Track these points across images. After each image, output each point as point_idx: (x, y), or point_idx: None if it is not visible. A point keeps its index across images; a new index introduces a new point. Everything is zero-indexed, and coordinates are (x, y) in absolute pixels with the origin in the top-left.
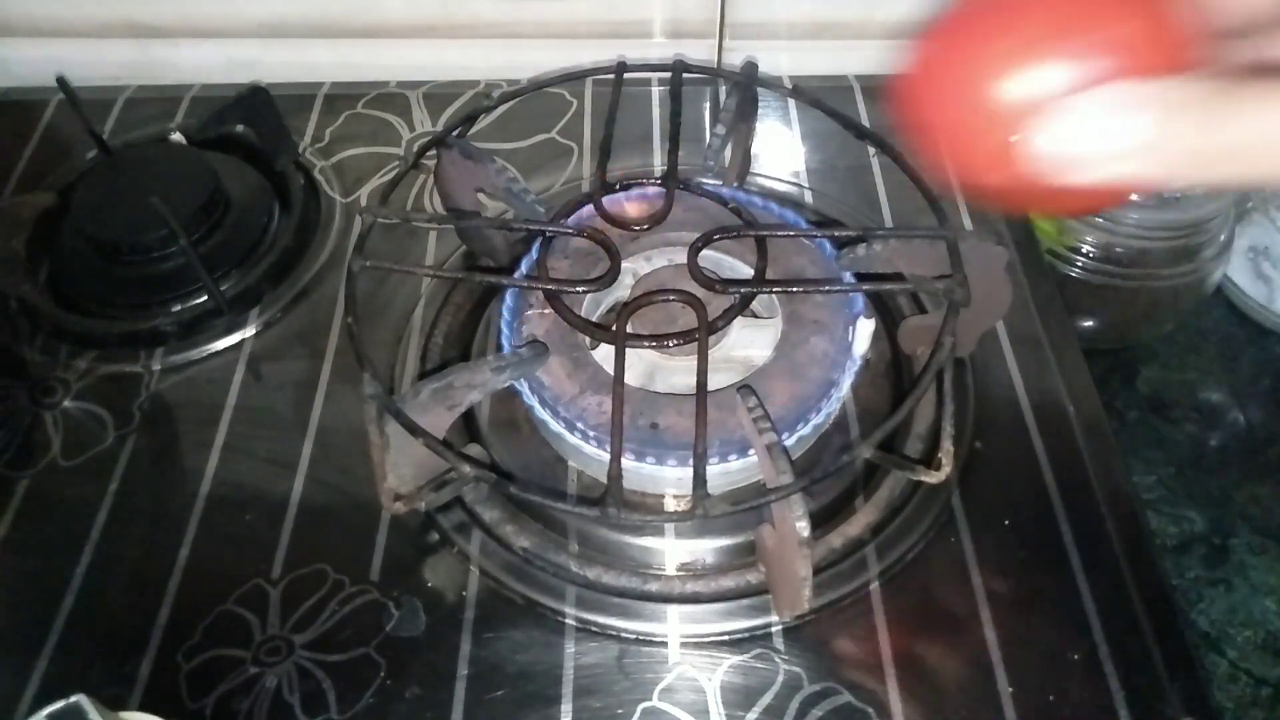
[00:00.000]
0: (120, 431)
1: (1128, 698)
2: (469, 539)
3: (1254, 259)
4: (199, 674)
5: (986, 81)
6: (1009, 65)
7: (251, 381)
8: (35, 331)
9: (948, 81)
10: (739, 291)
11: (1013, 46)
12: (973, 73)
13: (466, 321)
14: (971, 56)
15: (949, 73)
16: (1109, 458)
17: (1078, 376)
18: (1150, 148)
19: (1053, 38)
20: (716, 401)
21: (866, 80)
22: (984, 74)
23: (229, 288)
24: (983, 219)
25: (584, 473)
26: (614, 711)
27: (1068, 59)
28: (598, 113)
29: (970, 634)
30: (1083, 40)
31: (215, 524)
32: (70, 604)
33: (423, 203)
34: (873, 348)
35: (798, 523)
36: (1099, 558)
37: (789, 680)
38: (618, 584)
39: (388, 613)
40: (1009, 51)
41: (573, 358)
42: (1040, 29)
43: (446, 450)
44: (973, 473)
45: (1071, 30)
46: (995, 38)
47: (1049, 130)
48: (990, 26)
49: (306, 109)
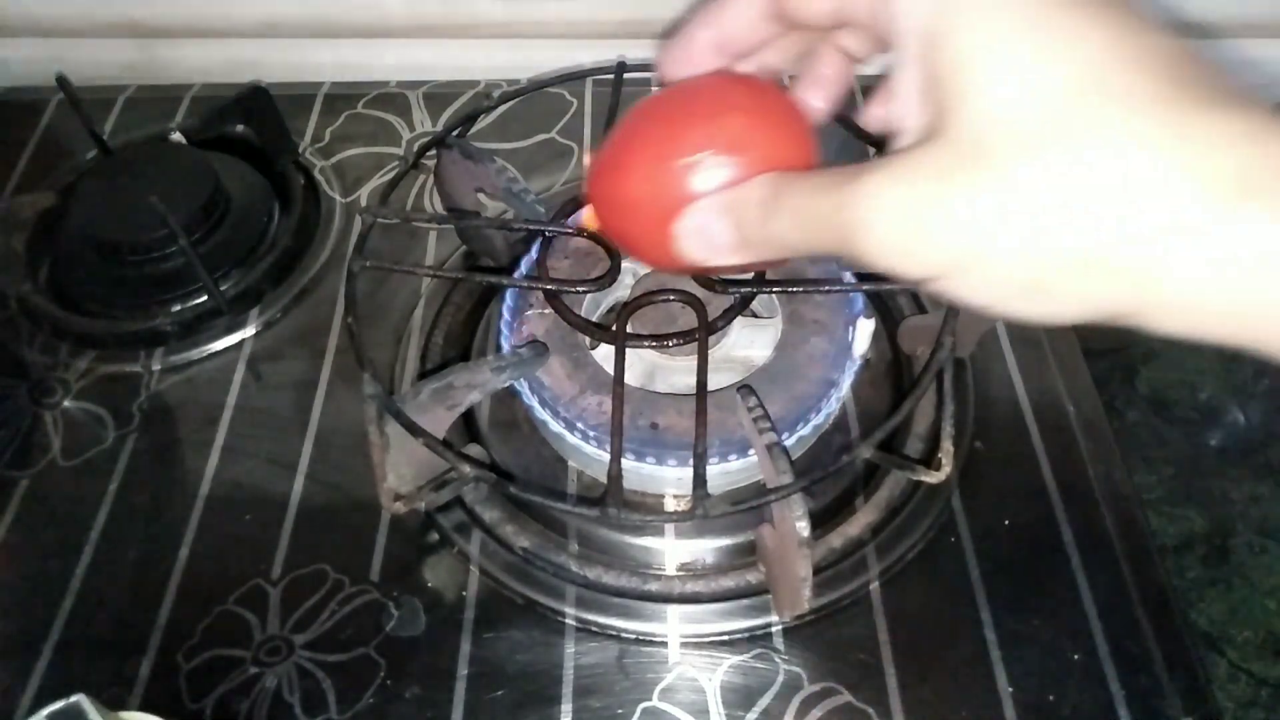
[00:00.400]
0: (120, 431)
1: (1128, 698)
2: (469, 539)
3: None
4: (199, 674)
5: (650, 184)
6: (667, 171)
7: (251, 381)
8: (35, 331)
9: (624, 179)
10: (739, 291)
11: (669, 155)
12: (642, 177)
13: (466, 321)
14: (641, 165)
15: (627, 173)
16: (1109, 458)
17: (1078, 376)
18: (736, 245)
19: (703, 149)
20: (716, 401)
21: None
22: (649, 179)
23: (229, 288)
24: None
25: (584, 473)
26: (614, 711)
27: (713, 167)
28: (598, 113)
29: (970, 634)
30: (726, 152)
31: (215, 524)
32: (70, 604)
33: (423, 203)
34: (873, 348)
35: (798, 523)
36: (1099, 558)
37: (789, 680)
38: (618, 584)
39: (388, 613)
40: (667, 160)
41: (573, 358)
42: (695, 143)
43: (446, 450)
44: (973, 473)
45: (718, 145)
46: (659, 150)
47: (680, 228)
48: (656, 142)
49: (306, 109)
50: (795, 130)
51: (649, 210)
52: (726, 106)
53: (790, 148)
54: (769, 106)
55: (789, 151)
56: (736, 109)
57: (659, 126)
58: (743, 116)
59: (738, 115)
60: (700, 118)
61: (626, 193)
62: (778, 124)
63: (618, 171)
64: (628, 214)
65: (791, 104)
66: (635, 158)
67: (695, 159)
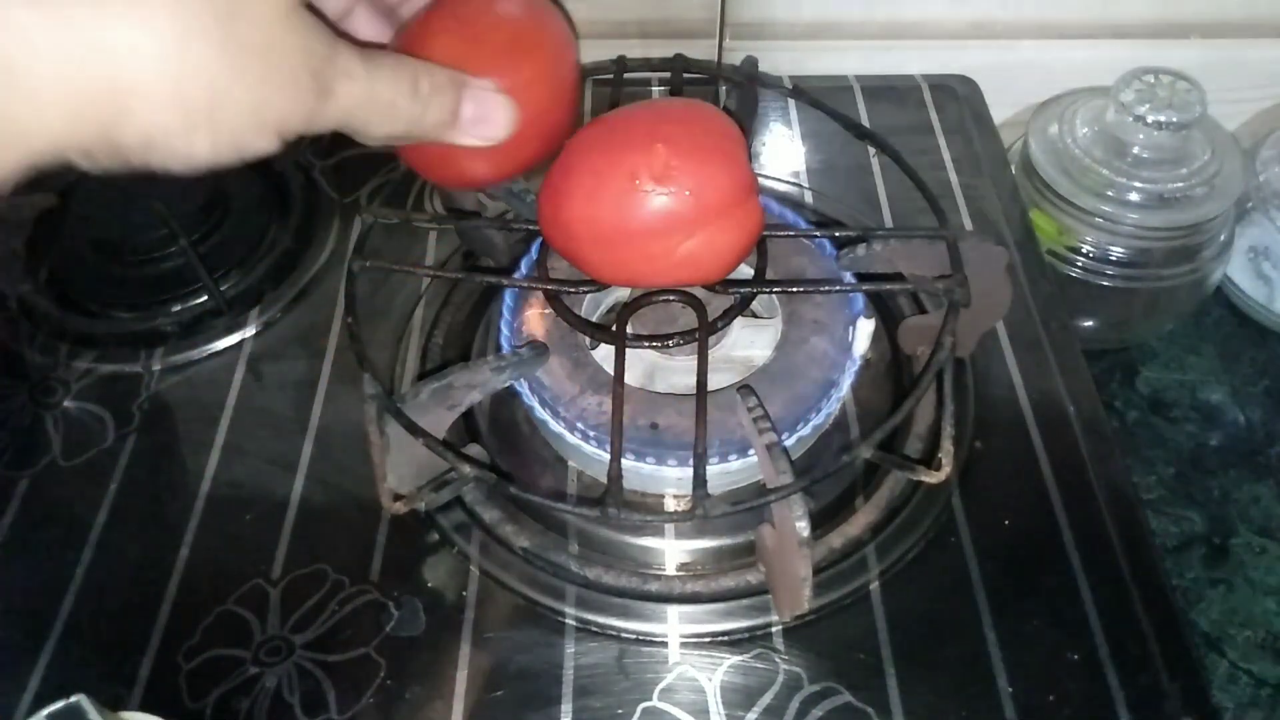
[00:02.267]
0: (120, 431)
1: (1128, 698)
2: (469, 539)
3: (1254, 259)
4: (199, 674)
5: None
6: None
7: (251, 381)
8: (35, 331)
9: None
10: (739, 292)
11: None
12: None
13: (466, 321)
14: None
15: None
16: (1109, 458)
17: (1078, 376)
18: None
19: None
20: (716, 401)
21: (866, 80)
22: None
23: (229, 288)
24: (983, 219)
25: (584, 473)
26: (614, 711)
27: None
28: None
29: (970, 634)
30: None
31: (215, 524)
32: (70, 604)
33: (423, 203)
34: (873, 348)
35: (798, 523)
36: (1099, 558)
37: (789, 680)
38: (618, 584)
39: (388, 613)
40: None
41: (573, 358)
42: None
43: (446, 450)
44: (973, 473)
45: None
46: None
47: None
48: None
49: None
50: (726, 155)
51: (588, 233)
52: (656, 137)
53: (722, 174)
54: (697, 135)
55: (721, 181)
56: (666, 140)
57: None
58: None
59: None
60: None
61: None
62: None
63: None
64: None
65: (723, 127)
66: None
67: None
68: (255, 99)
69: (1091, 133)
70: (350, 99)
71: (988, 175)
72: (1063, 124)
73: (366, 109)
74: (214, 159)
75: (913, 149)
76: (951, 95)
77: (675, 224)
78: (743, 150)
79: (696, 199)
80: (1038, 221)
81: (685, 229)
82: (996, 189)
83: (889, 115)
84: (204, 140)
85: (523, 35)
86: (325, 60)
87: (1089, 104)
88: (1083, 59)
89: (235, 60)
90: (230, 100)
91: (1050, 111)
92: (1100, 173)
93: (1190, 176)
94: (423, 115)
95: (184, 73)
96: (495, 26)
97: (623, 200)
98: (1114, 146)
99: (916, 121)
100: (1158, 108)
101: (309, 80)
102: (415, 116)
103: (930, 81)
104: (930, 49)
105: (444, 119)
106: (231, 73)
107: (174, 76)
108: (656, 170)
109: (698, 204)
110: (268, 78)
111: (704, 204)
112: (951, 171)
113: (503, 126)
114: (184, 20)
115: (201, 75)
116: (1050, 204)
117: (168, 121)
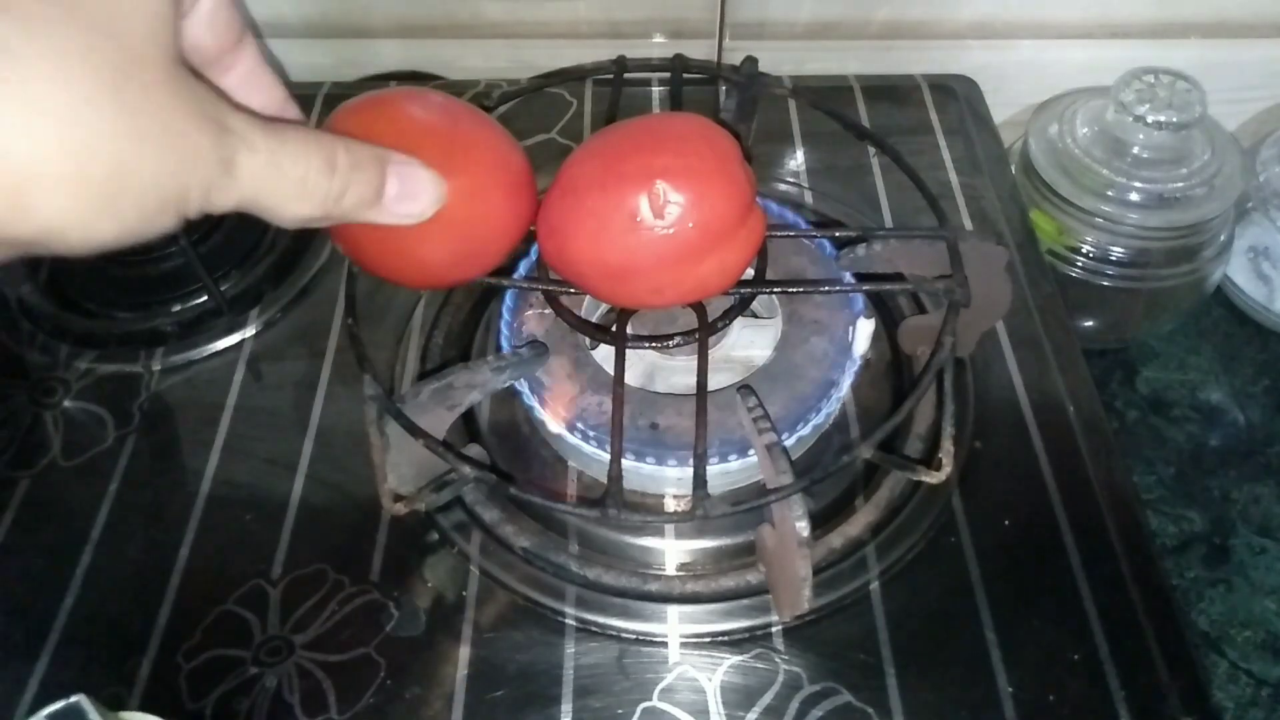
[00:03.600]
0: (120, 431)
1: (1128, 698)
2: (469, 539)
3: (1254, 259)
4: (199, 674)
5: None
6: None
7: (251, 381)
8: (35, 331)
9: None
10: (739, 292)
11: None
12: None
13: (466, 321)
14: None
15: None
16: (1109, 458)
17: (1078, 376)
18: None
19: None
20: (716, 401)
21: (866, 80)
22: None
23: (229, 288)
24: (983, 219)
25: (584, 473)
26: (614, 711)
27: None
28: (598, 113)
29: (970, 634)
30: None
31: (215, 524)
32: (70, 604)
33: None
34: (873, 348)
35: (798, 523)
36: (1099, 558)
37: (789, 680)
38: (618, 584)
39: (388, 613)
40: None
41: (573, 358)
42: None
43: (446, 451)
44: (973, 473)
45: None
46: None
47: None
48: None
49: (307, 109)
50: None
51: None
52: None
53: (723, 199)
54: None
55: (719, 205)
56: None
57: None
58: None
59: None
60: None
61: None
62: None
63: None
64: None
65: (724, 148)
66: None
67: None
68: (157, 170)
69: (1091, 133)
70: (252, 173)
71: (988, 175)
72: (1063, 124)
73: (273, 184)
74: (117, 241)
75: (913, 149)
76: (951, 95)
77: (682, 255)
78: (740, 164)
79: (701, 229)
80: (1038, 221)
81: (693, 258)
82: (996, 189)
83: (889, 115)
84: (109, 223)
85: (465, 134)
86: (221, 127)
87: (1089, 104)
88: (1082, 59)
89: (133, 127)
90: (133, 176)
91: (1050, 111)
92: (1100, 173)
93: (1190, 176)
94: (341, 193)
95: (84, 150)
96: (432, 128)
97: (627, 240)
98: (1114, 146)
99: (916, 121)
100: (1158, 108)
101: (210, 147)
102: (333, 194)
103: (930, 81)
104: (930, 49)
105: (366, 197)
106: (131, 143)
107: (74, 155)
108: (658, 208)
109: (702, 233)
110: (169, 144)
111: (708, 231)
112: (951, 171)
113: (429, 203)
114: (74, 91)
115: (101, 150)
116: (1050, 204)
117: (70, 208)
